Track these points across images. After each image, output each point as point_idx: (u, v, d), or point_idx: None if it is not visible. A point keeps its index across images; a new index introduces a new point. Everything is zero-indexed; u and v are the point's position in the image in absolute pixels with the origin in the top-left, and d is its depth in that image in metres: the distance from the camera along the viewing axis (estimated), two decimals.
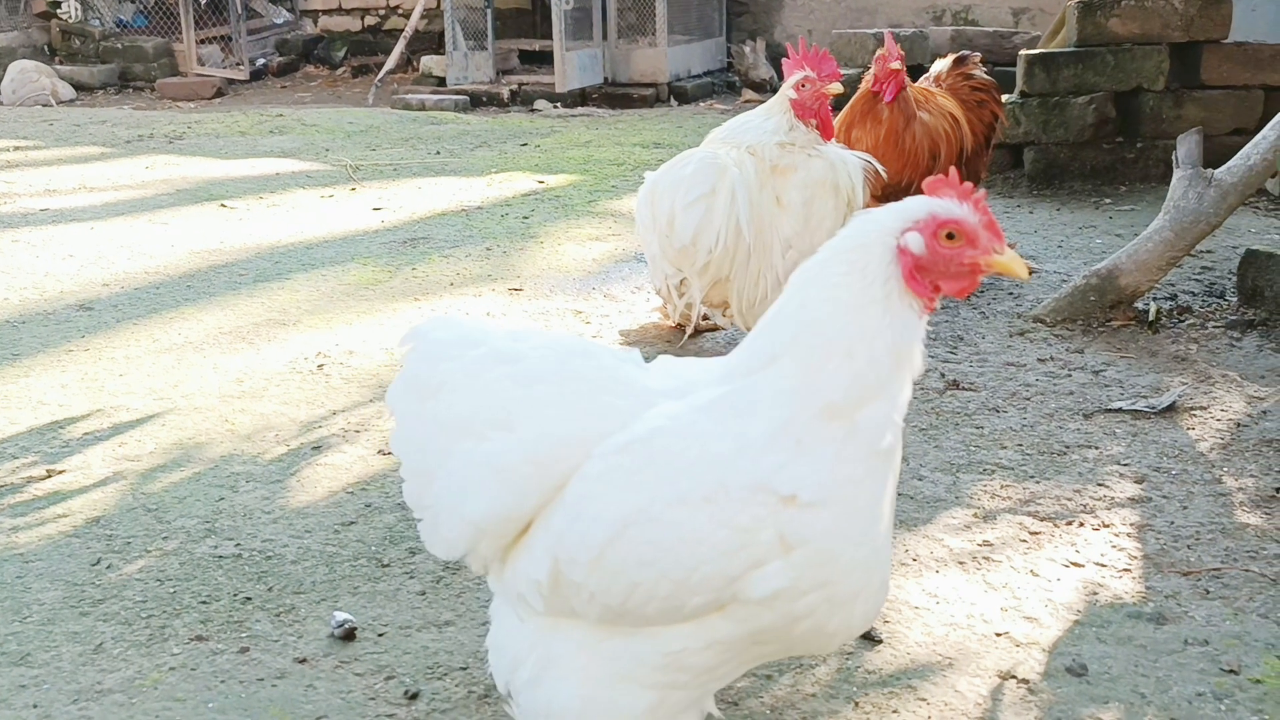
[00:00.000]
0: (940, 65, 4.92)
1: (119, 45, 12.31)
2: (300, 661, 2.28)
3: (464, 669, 2.25)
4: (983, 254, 1.57)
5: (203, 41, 12.28)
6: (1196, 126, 5.76)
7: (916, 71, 4.95)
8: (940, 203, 1.59)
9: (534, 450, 1.66)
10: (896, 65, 4.44)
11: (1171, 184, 3.96)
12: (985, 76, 4.85)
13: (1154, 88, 5.93)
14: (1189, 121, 5.76)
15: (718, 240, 3.62)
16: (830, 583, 1.53)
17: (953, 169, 1.76)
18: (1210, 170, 3.90)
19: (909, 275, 1.57)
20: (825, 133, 3.88)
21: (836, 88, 3.80)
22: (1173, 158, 4.00)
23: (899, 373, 1.56)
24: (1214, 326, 3.96)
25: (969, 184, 1.64)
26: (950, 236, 1.57)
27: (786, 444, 1.53)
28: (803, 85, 3.75)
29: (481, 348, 1.78)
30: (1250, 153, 3.78)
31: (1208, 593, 2.43)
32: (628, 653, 1.62)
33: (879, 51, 4.49)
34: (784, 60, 3.89)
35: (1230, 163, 3.90)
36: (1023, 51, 6.17)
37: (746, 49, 11.28)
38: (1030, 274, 4.64)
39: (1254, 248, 4.14)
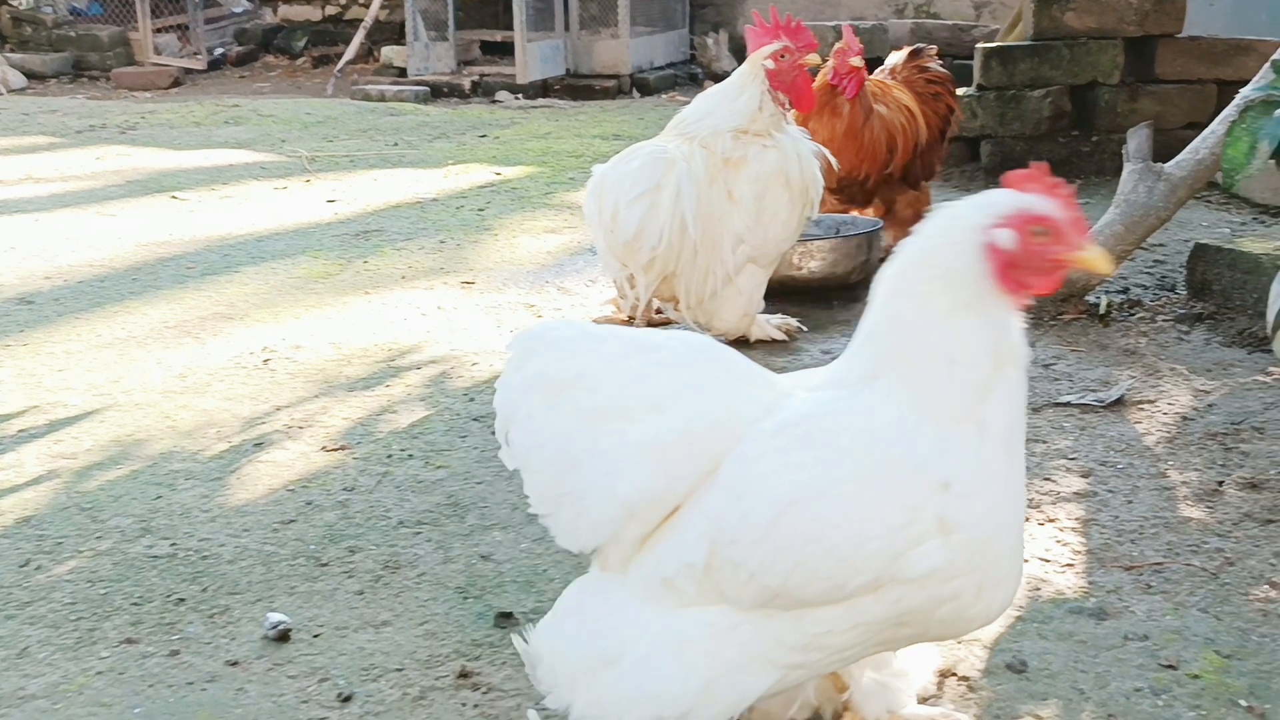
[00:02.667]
0: (895, 58, 4.92)
1: (73, 33, 12.10)
2: (232, 664, 2.23)
3: (399, 670, 2.21)
4: (1070, 249, 1.57)
5: (159, 30, 12.10)
6: (1151, 120, 5.82)
7: (875, 64, 4.94)
8: (1028, 197, 1.58)
9: (689, 430, 1.66)
10: (857, 61, 4.43)
11: (1121, 178, 3.97)
12: (940, 69, 4.86)
13: (1109, 81, 5.96)
14: (1144, 115, 5.79)
15: (661, 237, 3.58)
16: (979, 568, 1.56)
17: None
18: (1160, 164, 3.91)
19: (1000, 273, 1.56)
20: (805, 104, 3.84)
21: (815, 58, 3.77)
22: (1123, 151, 4.02)
23: (1003, 370, 1.57)
24: (1163, 320, 3.98)
25: (1053, 177, 1.61)
26: (1039, 232, 1.55)
27: (928, 440, 1.56)
28: (781, 56, 3.70)
29: (611, 341, 1.79)
30: (1199, 147, 3.80)
31: (1149, 587, 2.43)
32: (767, 635, 1.62)
33: (837, 45, 4.48)
34: (749, 29, 3.82)
35: (1179, 157, 3.91)
36: (979, 45, 6.18)
37: (709, 41, 11.26)
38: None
39: (1203, 241, 4.16)
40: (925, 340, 1.57)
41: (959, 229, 1.58)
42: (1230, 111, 3.43)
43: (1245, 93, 2.61)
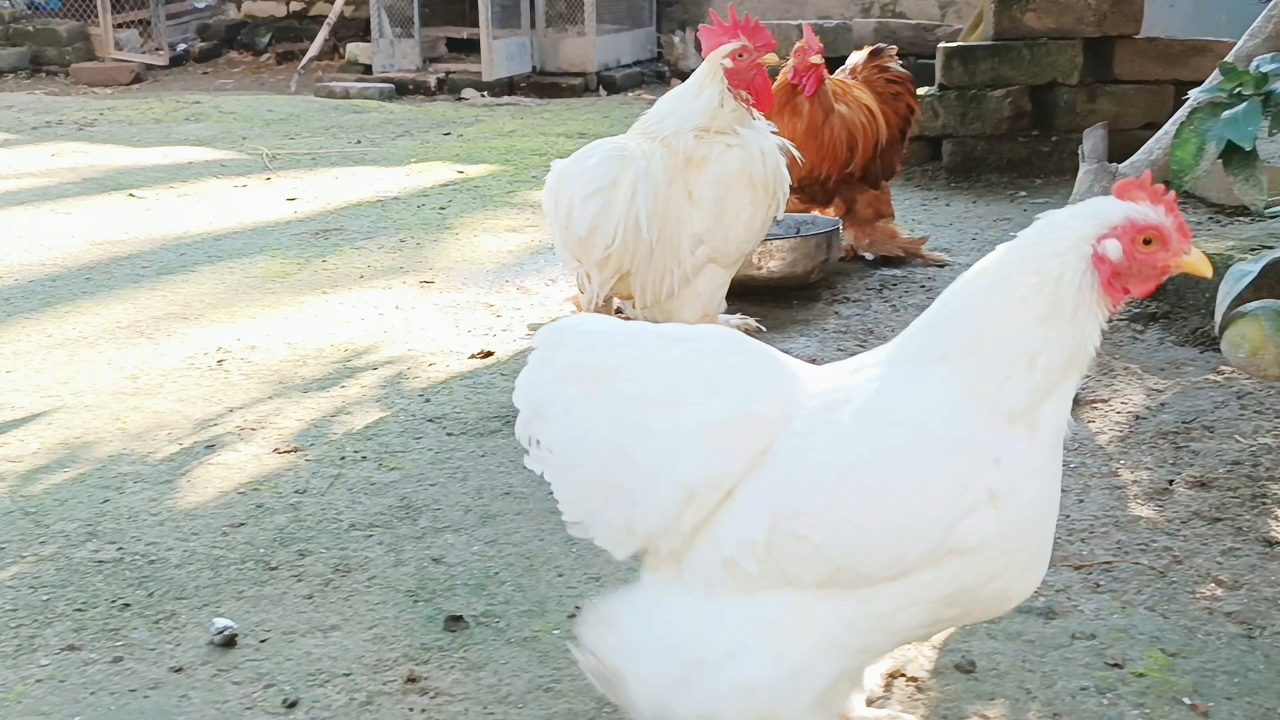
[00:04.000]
0: (856, 58, 4.93)
1: (31, 28, 11.94)
2: (176, 670, 2.20)
3: (347, 675, 2.19)
4: (1175, 256, 1.59)
5: (120, 25, 11.95)
6: (1109, 120, 5.85)
7: (839, 64, 4.95)
8: (1136, 207, 1.59)
9: (745, 408, 1.66)
10: (817, 60, 4.43)
11: (1077, 178, 4.00)
12: (900, 69, 4.87)
13: (1068, 82, 6.01)
14: (1102, 115, 5.84)
15: (615, 235, 3.56)
16: (1025, 548, 1.60)
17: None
18: (1115, 164, 3.95)
19: (1107, 284, 1.58)
20: (764, 103, 3.82)
21: (773, 57, 3.75)
22: (1079, 152, 4.05)
23: (1072, 374, 1.60)
24: (1118, 319, 4.01)
25: (1159, 185, 1.63)
26: (1147, 241, 1.57)
27: (977, 423, 1.58)
28: (739, 55, 3.68)
29: (644, 333, 1.78)
30: (1153, 147, 3.83)
31: (1098, 586, 2.44)
32: (838, 616, 1.62)
33: (799, 43, 4.48)
34: (702, 28, 3.80)
35: (1133, 157, 3.95)
36: (941, 45, 6.21)
37: (676, 39, 11.26)
38: (946, 266, 4.67)
39: None
40: (1012, 341, 1.58)
41: (1067, 239, 1.58)
42: (1182, 113, 3.46)
43: (1195, 94, 2.63)
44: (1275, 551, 2.55)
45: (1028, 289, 1.58)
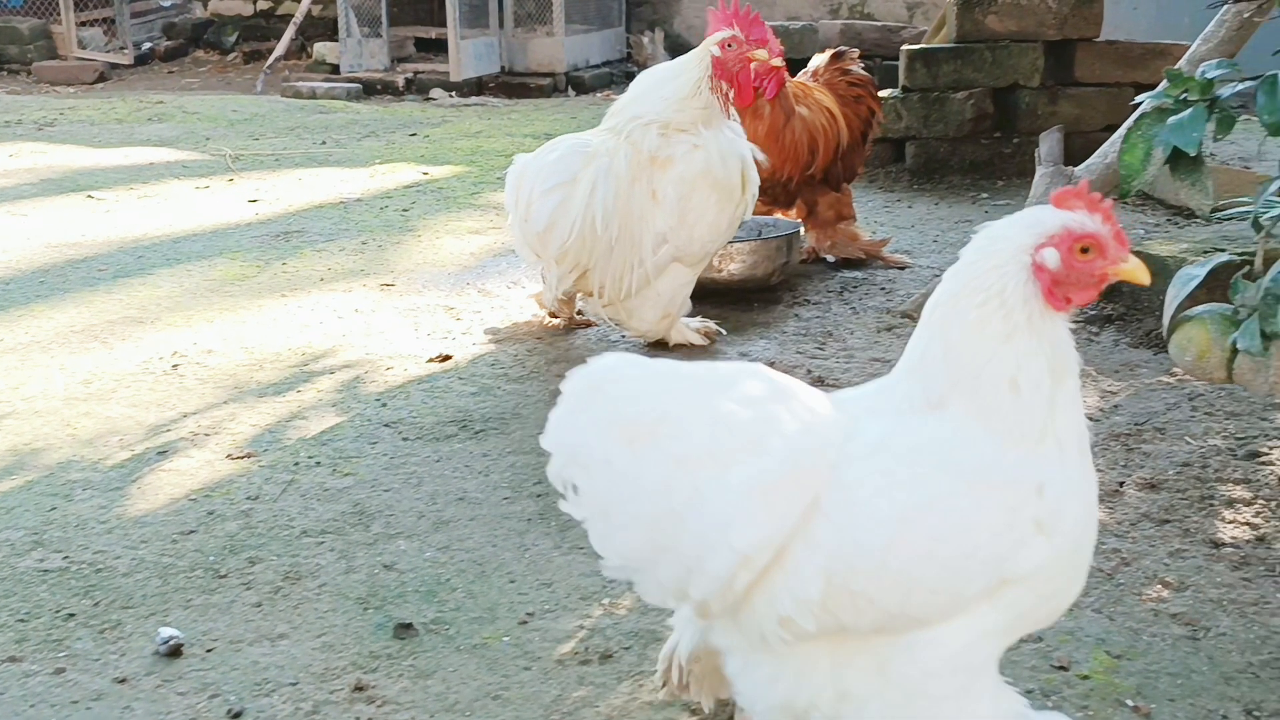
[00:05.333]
0: (818, 60, 4.94)
1: None
2: (120, 681, 2.18)
3: (293, 684, 2.17)
4: (1112, 264, 1.60)
5: (84, 24, 11.82)
6: (1070, 122, 5.91)
7: (804, 65, 4.96)
8: (1073, 216, 1.60)
9: (794, 466, 1.62)
10: (778, 62, 4.43)
11: (1034, 181, 4.02)
12: (862, 72, 4.89)
13: (1030, 84, 6.05)
14: (1063, 118, 5.88)
15: (572, 230, 3.56)
16: (1075, 566, 1.64)
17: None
18: (1071, 168, 3.97)
19: (1047, 292, 1.58)
20: (743, 99, 3.81)
21: (763, 54, 3.72)
22: (1035, 155, 4.07)
23: (1063, 383, 1.60)
24: (1075, 321, 4.03)
25: (1095, 194, 1.64)
26: (1084, 250, 1.58)
27: (1016, 453, 1.59)
28: (728, 45, 3.67)
29: (681, 379, 1.72)
30: (1108, 150, 3.86)
31: None
32: (915, 666, 1.62)
33: None
34: (711, 11, 3.78)
35: (1089, 160, 3.98)
36: (904, 47, 6.24)
37: (645, 40, 11.25)
38: (906, 268, 4.69)
39: None
40: (986, 368, 1.59)
41: (1004, 251, 1.59)
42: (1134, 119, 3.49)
43: (1142, 100, 2.65)
44: (1221, 553, 2.58)
45: (976, 309, 1.59)
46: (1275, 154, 4.49)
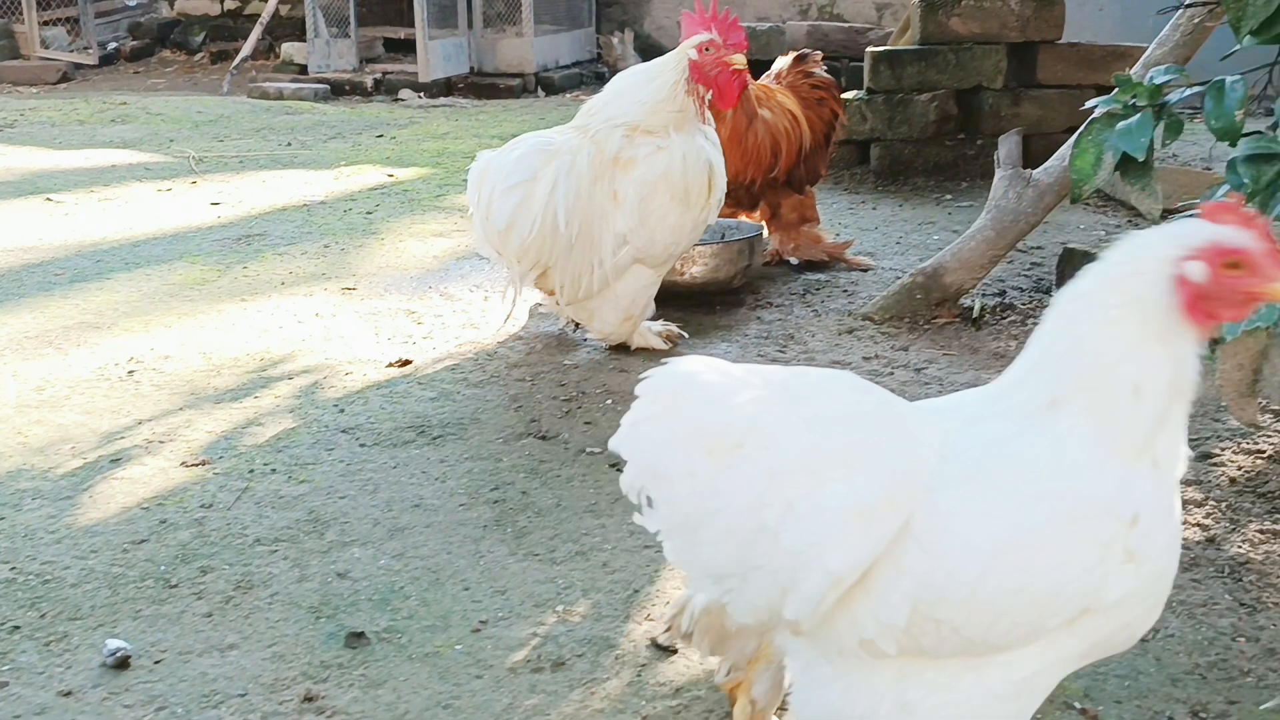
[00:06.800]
0: (781, 63, 4.95)
1: None
2: (65, 695, 2.15)
3: (242, 695, 2.15)
4: (1265, 283, 1.54)
5: (47, 23, 11.68)
6: (1033, 124, 5.96)
7: (770, 67, 4.97)
8: (1223, 230, 1.55)
9: (890, 488, 1.57)
10: (742, 63, 4.44)
11: (993, 183, 4.05)
12: (825, 75, 4.90)
13: (993, 86, 6.09)
14: (1026, 119, 5.93)
15: (532, 228, 3.56)
16: (1157, 594, 1.61)
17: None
18: (1029, 170, 4.00)
19: (1189, 305, 1.54)
20: (724, 101, 3.80)
21: (740, 59, 3.72)
22: (994, 158, 4.09)
23: (1178, 403, 1.57)
24: (1033, 323, 4.03)
25: (1250, 210, 1.59)
26: (1233, 266, 1.53)
27: (1114, 475, 1.56)
28: (706, 48, 3.66)
29: (767, 384, 1.66)
30: (1066, 153, 3.88)
31: None
32: (981, 687, 1.60)
33: None
34: (686, 14, 3.77)
35: (1048, 163, 4.01)
36: (869, 49, 6.26)
37: (615, 40, 11.24)
38: (869, 270, 4.71)
39: (1070, 245, 4.26)
40: (1113, 370, 1.55)
41: (1149, 259, 1.56)
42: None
43: (1095, 103, 2.66)
44: None
45: (1115, 310, 1.55)
46: (1226, 157, 4.53)
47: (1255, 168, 2.32)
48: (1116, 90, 2.63)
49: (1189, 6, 3.53)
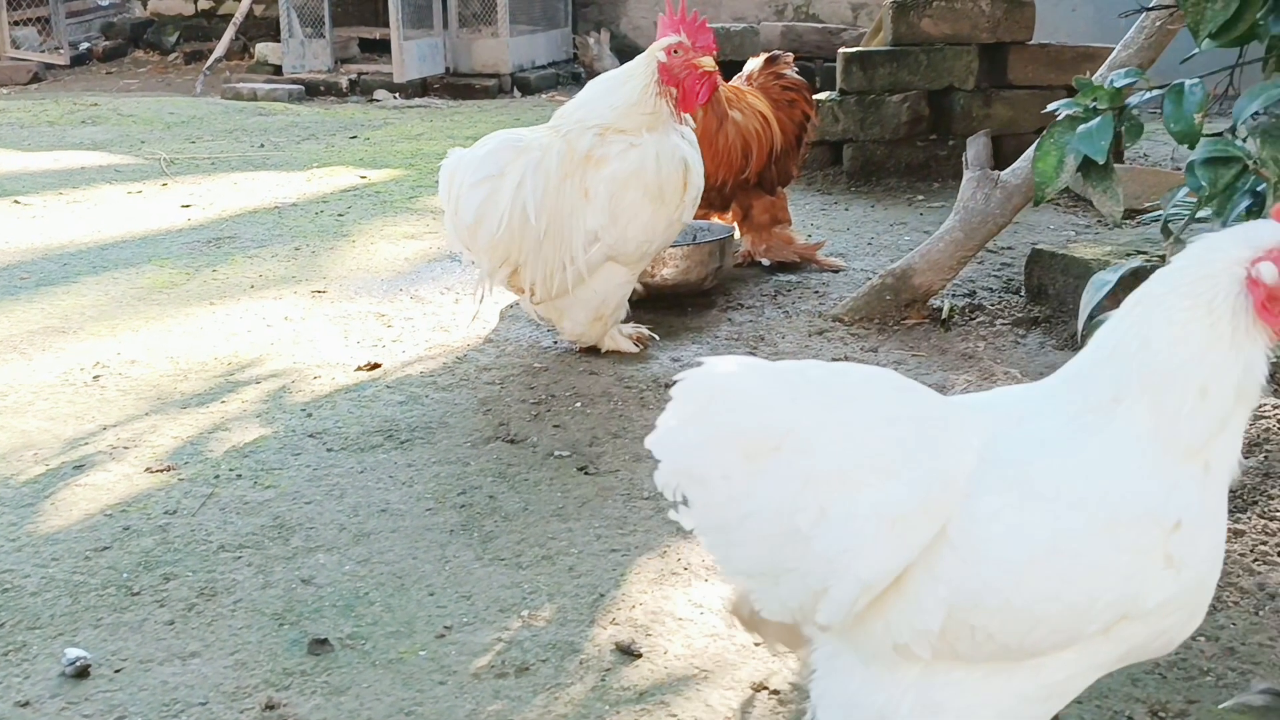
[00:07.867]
0: (753, 64, 4.96)
1: None
2: (22, 705, 2.13)
3: (203, 704, 2.14)
4: None
5: (17, 23, 11.57)
6: (1004, 125, 5.99)
7: (742, 68, 4.97)
8: None
9: (927, 495, 1.55)
10: (710, 65, 4.44)
11: (961, 185, 4.06)
12: (796, 76, 4.91)
13: (965, 87, 6.11)
14: (997, 120, 5.96)
15: (500, 223, 3.56)
16: (1197, 601, 1.60)
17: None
18: (997, 172, 4.02)
19: (1260, 307, 1.53)
20: (687, 104, 3.81)
21: (708, 61, 3.73)
22: (963, 159, 4.11)
23: (1243, 404, 1.56)
24: (1002, 324, 4.09)
25: None
26: None
27: (1161, 479, 1.55)
28: (674, 51, 3.67)
29: (805, 384, 1.63)
30: (1031, 155, 3.90)
31: None
32: (1010, 689, 1.59)
33: None
34: (660, 17, 3.79)
35: (1015, 164, 4.03)
36: (841, 50, 6.28)
37: (591, 40, 11.23)
38: (840, 271, 4.72)
39: (1039, 246, 4.29)
40: (1181, 370, 1.55)
41: (1218, 260, 1.55)
42: None
43: (1058, 106, 2.68)
44: None
45: (1184, 311, 1.55)
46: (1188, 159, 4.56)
47: (1213, 170, 2.33)
48: (1078, 93, 2.64)
49: (1151, 9, 3.56)
